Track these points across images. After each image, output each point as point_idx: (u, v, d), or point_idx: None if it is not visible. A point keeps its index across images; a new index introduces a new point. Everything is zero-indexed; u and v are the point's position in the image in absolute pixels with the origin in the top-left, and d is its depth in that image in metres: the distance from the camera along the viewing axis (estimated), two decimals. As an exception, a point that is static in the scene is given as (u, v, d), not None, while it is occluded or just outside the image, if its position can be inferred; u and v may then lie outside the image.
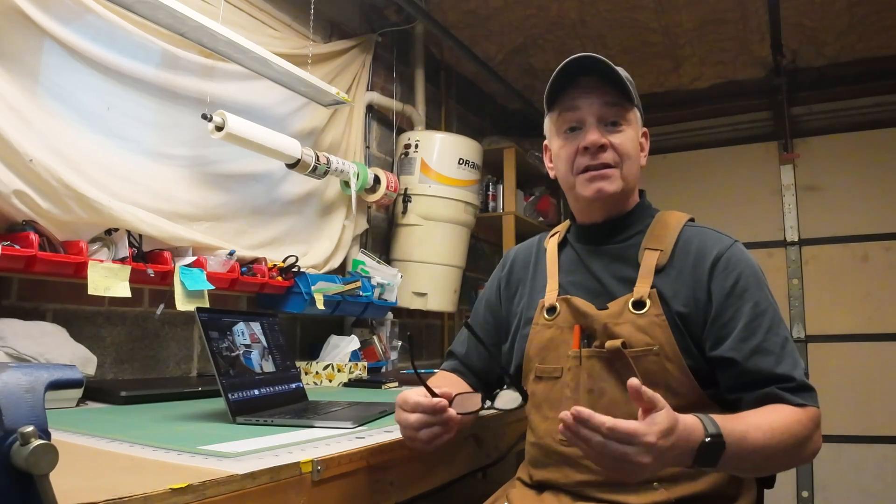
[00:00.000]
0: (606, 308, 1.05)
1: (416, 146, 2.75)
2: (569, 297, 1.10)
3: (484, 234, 3.46)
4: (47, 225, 1.46)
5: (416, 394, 0.95)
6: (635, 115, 1.13)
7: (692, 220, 1.14)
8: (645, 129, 1.17)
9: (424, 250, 2.71)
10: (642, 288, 1.04)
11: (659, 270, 1.05)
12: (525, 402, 0.99)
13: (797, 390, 0.96)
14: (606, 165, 1.08)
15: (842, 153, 3.42)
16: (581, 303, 1.08)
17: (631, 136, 1.10)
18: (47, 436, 0.53)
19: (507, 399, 1.03)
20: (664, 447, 0.78)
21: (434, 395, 0.93)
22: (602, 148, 1.07)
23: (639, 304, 1.03)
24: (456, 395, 0.97)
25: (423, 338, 3.10)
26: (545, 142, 1.21)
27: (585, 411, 0.77)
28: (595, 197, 1.09)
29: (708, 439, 0.83)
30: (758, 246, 3.47)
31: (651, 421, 0.78)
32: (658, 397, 0.80)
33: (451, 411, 0.93)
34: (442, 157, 2.74)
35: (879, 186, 3.32)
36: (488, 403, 1.02)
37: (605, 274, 1.10)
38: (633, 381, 0.78)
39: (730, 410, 1.01)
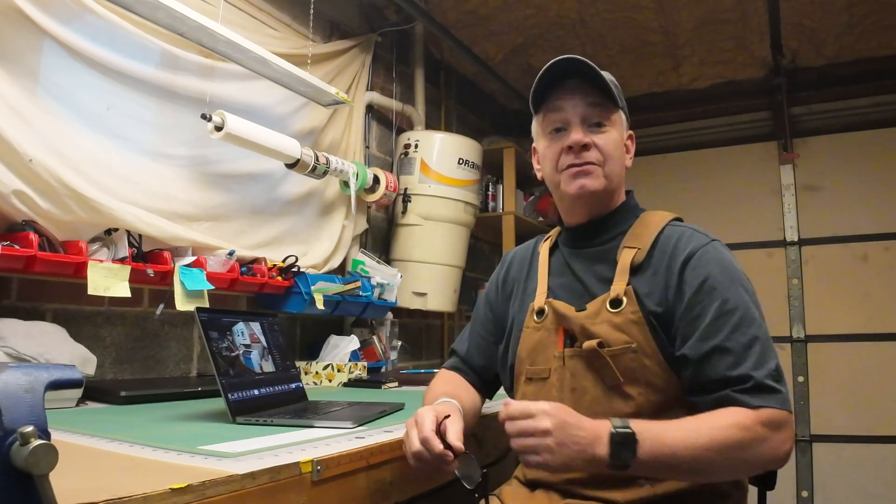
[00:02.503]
0: (585, 309, 1.07)
1: (416, 146, 2.75)
2: (552, 300, 1.12)
3: (484, 234, 3.46)
4: (47, 225, 1.46)
5: (432, 422, 0.94)
6: (620, 117, 1.14)
7: (678, 219, 1.14)
8: (631, 132, 1.18)
9: (424, 250, 2.71)
10: (618, 286, 1.05)
11: (635, 269, 1.06)
12: (476, 484, 0.94)
13: (753, 391, 0.92)
14: (589, 164, 1.09)
15: (842, 153, 3.42)
16: (562, 305, 1.10)
17: (614, 137, 1.12)
18: (47, 436, 0.53)
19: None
20: (563, 420, 0.86)
21: (447, 446, 0.92)
22: (585, 147, 1.09)
23: (615, 303, 1.04)
24: (466, 454, 0.94)
25: (422, 338, 3.10)
26: (533, 144, 1.23)
27: (504, 411, 0.90)
28: (578, 193, 1.10)
29: (616, 429, 0.87)
30: (758, 246, 3.47)
31: (540, 402, 0.89)
32: (533, 404, 0.89)
33: (452, 467, 0.93)
34: (442, 157, 2.74)
35: (879, 186, 3.31)
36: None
37: (587, 275, 1.12)
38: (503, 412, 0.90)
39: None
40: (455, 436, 0.93)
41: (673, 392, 1.01)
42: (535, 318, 1.14)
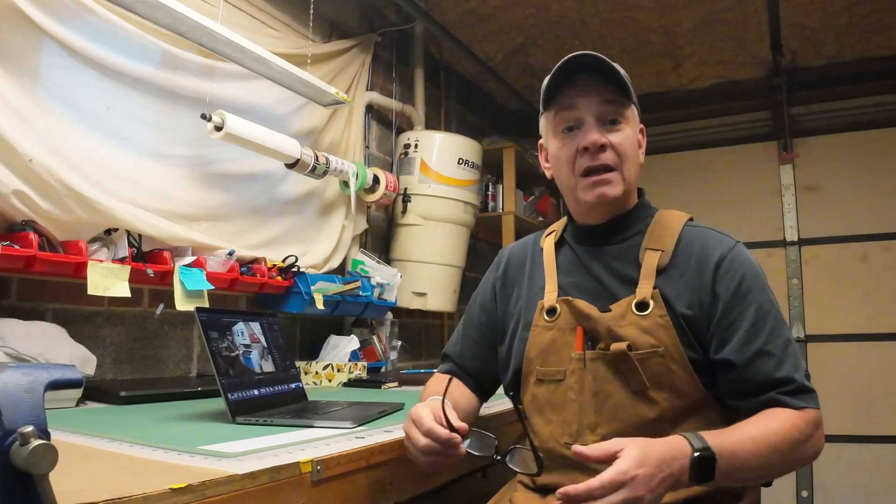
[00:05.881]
0: (609, 310, 1.04)
1: (416, 146, 2.75)
2: (570, 298, 1.08)
3: (484, 233, 3.46)
4: (47, 225, 1.46)
5: (431, 415, 0.93)
6: (633, 112, 1.12)
7: (691, 219, 1.13)
8: (642, 126, 1.16)
9: (424, 250, 2.71)
10: (645, 289, 1.03)
11: (660, 271, 1.05)
12: (541, 472, 0.92)
13: (797, 393, 0.96)
14: (607, 167, 1.06)
15: (841, 153, 3.42)
16: (583, 305, 1.06)
17: (630, 135, 1.09)
18: (47, 436, 0.53)
19: (523, 463, 0.96)
20: (649, 473, 0.80)
21: (451, 428, 0.91)
22: (602, 148, 1.05)
23: (642, 306, 1.02)
24: (471, 430, 0.95)
25: (422, 338, 3.10)
26: (540, 141, 1.19)
27: (570, 490, 0.79)
28: (597, 202, 1.08)
29: (697, 454, 0.84)
30: (758, 246, 3.47)
31: (619, 461, 0.80)
32: (610, 445, 0.82)
33: (462, 449, 0.92)
34: (441, 157, 2.74)
35: (879, 186, 3.32)
36: (499, 456, 0.96)
37: (605, 275, 1.09)
38: (577, 449, 0.83)
39: (733, 410, 1.01)
40: (453, 418, 0.93)
41: (695, 396, 1.01)
42: (546, 316, 1.10)
